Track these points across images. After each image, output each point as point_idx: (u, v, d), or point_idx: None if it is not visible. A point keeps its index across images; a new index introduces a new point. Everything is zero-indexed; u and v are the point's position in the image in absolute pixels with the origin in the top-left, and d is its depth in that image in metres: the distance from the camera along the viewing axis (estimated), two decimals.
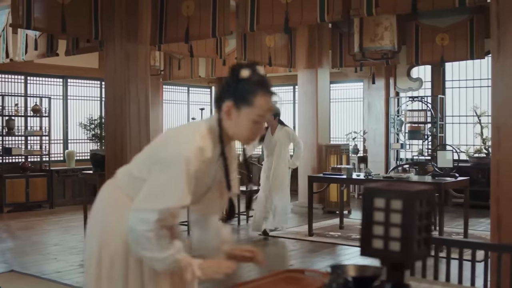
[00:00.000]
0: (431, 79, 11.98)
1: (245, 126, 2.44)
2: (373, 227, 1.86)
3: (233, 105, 2.41)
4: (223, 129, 2.45)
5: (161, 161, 2.34)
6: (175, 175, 2.30)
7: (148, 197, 2.32)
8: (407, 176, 7.68)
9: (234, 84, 2.42)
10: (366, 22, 7.71)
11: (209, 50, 9.19)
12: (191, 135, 2.39)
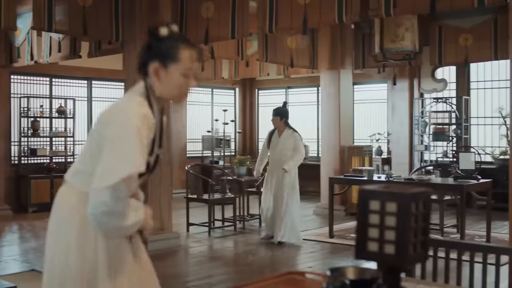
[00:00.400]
0: (455, 80, 11.84)
1: (175, 83, 2.51)
2: (369, 229, 1.84)
3: (160, 65, 2.48)
4: (153, 92, 2.51)
5: (110, 137, 2.34)
6: (127, 144, 2.30)
7: (106, 173, 2.28)
8: (428, 178, 7.61)
9: (156, 45, 2.49)
10: (386, 22, 7.66)
11: (230, 52, 9.21)
12: (131, 106, 2.41)
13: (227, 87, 14.86)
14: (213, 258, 7.30)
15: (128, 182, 2.26)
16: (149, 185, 7.42)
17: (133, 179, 2.29)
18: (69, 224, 2.46)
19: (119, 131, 2.33)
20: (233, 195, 9.03)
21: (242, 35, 6.87)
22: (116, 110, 2.44)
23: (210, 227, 8.65)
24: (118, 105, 2.49)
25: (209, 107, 14.58)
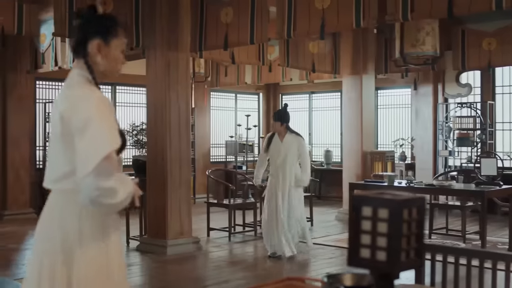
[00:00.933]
0: (480, 85, 11.70)
1: (116, 58, 2.60)
2: (361, 236, 1.83)
3: (101, 41, 2.54)
4: (94, 71, 2.55)
5: (79, 127, 2.39)
6: (96, 128, 2.38)
7: (86, 159, 2.36)
8: (448, 184, 7.53)
9: (96, 22, 2.54)
10: (407, 27, 7.60)
11: (251, 57, 9.22)
12: (85, 93, 2.46)
13: (250, 92, 14.88)
14: (232, 263, 7.31)
15: (109, 160, 2.35)
16: (168, 190, 7.47)
17: (112, 157, 2.38)
18: None
19: (85, 118, 2.39)
20: (254, 200, 9.03)
21: (261, 40, 6.88)
22: (74, 103, 2.46)
23: (230, 232, 8.66)
24: (73, 95, 2.49)
25: (233, 112, 14.61)
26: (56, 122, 2.50)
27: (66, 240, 2.46)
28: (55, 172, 2.54)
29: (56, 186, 2.54)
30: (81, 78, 2.55)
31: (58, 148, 2.51)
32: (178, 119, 7.55)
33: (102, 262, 2.50)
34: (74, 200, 2.45)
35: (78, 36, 2.58)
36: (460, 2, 5.32)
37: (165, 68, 7.42)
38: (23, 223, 9.86)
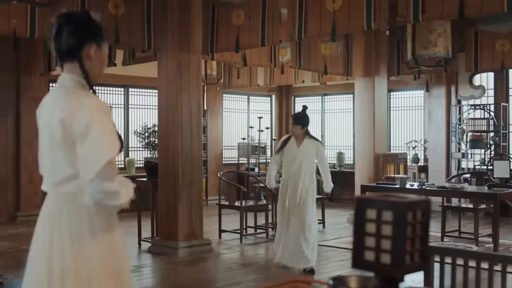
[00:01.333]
0: (494, 87, 11.62)
1: (105, 61, 2.67)
2: (365, 238, 1.82)
3: (96, 45, 2.58)
4: (89, 75, 2.58)
5: (79, 133, 2.44)
6: (98, 133, 2.43)
7: (89, 164, 2.42)
8: (461, 186, 7.48)
9: (91, 27, 2.58)
10: (419, 28, 7.57)
11: (263, 59, 9.23)
12: (83, 99, 2.50)
13: (263, 94, 14.88)
14: (243, 265, 7.31)
15: (111, 165, 2.42)
16: (180, 191, 7.48)
17: (114, 161, 2.45)
18: None
19: (86, 123, 2.43)
20: (266, 202, 9.03)
21: (272, 42, 6.89)
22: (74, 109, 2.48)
23: (242, 234, 8.66)
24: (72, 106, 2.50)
25: (245, 114, 14.62)
26: (55, 127, 2.52)
27: (77, 238, 2.50)
28: (57, 176, 2.57)
29: (59, 189, 2.57)
30: (74, 83, 2.58)
31: (58, 152, 2.54)
32: (189, 121, 7.57)
33: (113, 256, 2.57)
34: (80, 200, 2.49)
35: (73, 41, 2.57)
36: (472, 3, 5.29)
37: (176, 70, 7.44)
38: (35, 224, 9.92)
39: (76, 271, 2.49)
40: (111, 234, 2.58)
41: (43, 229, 2.60)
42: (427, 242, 1.86)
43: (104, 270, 2.53)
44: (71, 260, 2.49)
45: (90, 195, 2.43)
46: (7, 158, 10.79)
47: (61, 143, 2.50)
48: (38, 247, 2.61)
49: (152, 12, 7.38)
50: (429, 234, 1.87)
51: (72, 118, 2.45)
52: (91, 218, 2.51)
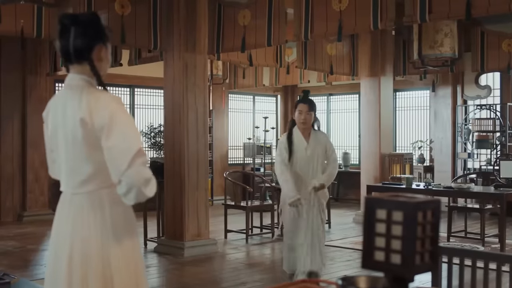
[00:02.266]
0: (500, 87, 11.60)
1: (109, 60, 2.71)
2: (375, 238, 1.82)
3: (103, 45, 2.63)
4: (101, 76, 2.62)
5: (103, 126, 2.46)
6: (125, 124, 2.48)
7: (122, 153, 2.43)
8: (467, 186, 7.47)
9: (99, 29, 2.62)
10: (425, 28, 7.56)
11: (269, 59, 9.23)
12: (98, 95, 2.54)
13: (268, 94, 14.88)
14: (249, 265, 7.31)
15: (141, 153, 2.44)
16: (186, 191, 7.49)
17: (142, 149, 2.48)
18: None
19: (109, 115, 2.46)
20: (272, 203, 9.03)
21: (278, 42, 6.88)
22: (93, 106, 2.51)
23: (248, 234, 8.67)
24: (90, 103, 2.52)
25: (251, 114, 14.62)
26: (75, 127, 2.53)
27: (100, 238, 2.53)
28: (78, 177, 2.59)
29: (80, 190, 2.59)
30: (86, 83, 2.60)
31: (79, 152, 2.55)
32: (195, 121, 7.58)
33: (134, 254, 2.62)
34: (101, 199, 2.52)
35: (82, 42, 2.59)
36: (478, 3, 5.28)
37: (182, 70, 7.44)
38: (42, 224, 9.94)
39: (100, 271, 2.51)
40: (132, 233, 2.61)
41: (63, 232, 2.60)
42: (436, 243, 1.86)
43: (126, 269, 2.55)
44: (94, 261, 2.50)
45: (129, 185, 2.42)
46: (13, 158, 10.82)
47: (82, 143, 2.52)
48: (58, 248, 2.61)
49: (159, 12, 7.38)
50: (438, 234, 1.87)
51: (93, 115, 2.48)
52: (114, 217, 2.53)
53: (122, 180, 2.43)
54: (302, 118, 5.64)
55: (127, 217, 2.61)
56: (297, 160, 5.74)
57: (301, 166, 5.75)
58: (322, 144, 5.78)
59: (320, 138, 5.81)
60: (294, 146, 5.72)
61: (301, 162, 5.74)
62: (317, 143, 5.76)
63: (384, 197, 1.84)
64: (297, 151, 5.72)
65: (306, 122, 5.67)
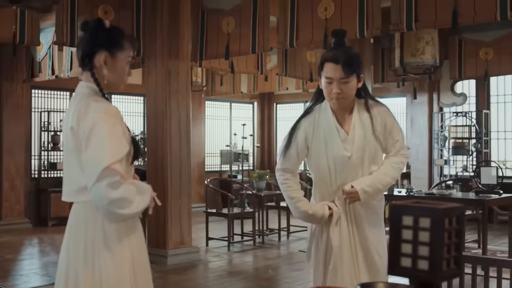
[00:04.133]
0: (475, 94, 11.78)
1: (122, 71, 2.60)
2: (402, 245, 1.83)
3: (107, 54, 2.54)
4: (101, 83, 2.56)
5: (83, 138, 2.40)
6: (100, 138, 2.37)
7: (90, 170, 2.36)
8: (449, 192, 7.55)
9: (103, 35, 2.55)
10: (407, 36, 7.64)
11: (250, 66, 9.25)
12: (90, 104, 2.45)
13: (245, 101, 14.89)
14: (232, 273, 7.28)
15: (112, 170, 2.32)
16: (169, 199, 7.44)
17: (115, 166, 2.34)
18: None
19: (89, 128, 2.39)
20: (252, 210, 9.02)
21: (263, 50, 6.88)
22: (81, 115, 2.45)
23: (230, 242, 8.64)
24: (80, 111, 2.47)
25: (228, 121, 14.61)
26: (67, 135, 2.51)
27: (92, 247, 2.48)
28: (72, 186, 2.56)
29: (75, 199, 2.56)
30: (89, 90, 2.56)
31: (72, 161, 2.52)
32: (178, 128, 7.54)
33: (128, 263, 2.52)
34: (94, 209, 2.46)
35: (85, 49, 2.58)
36: (465, 12, 5.35)
37: (165, 77, 7.41)
38: (19, 233, 9.80)
39: (90, 282, 2.47)
40: (128, 245, 2.53)
41: (64, 240, 2.59)
42: (461, 249, 1.87)
43: (117, 282, 2.49)
44: (84, 271, 2.47)
45: (95, 202, 2.37)
46: None
47: (74, 152, 2.48)
48: (60, 257, 2.60)
49: (142, 19, 7.35)
50: (463, 240, 1.88)
51: (80, 124, 2.43)
52: (106, 227, 2.47)
53: (91, 195, 2.39)
54: (334, 92, 3.20)
55: (122, 229, 2.51)
56: (329, 165, 3.30)
57: (335, 177, 3.29)
58: (371, 124, 3.27)
59: (373, 115, 3.28)
60: (315, 137, 3.33)
61: (335, 168, 3.28)
62: (361, 127, 3.28)
63: (410, 204, 1.85)
64: (324, 148, 3.30)
65: (344, 97, 3.22)
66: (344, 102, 3.24)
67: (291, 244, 9.11)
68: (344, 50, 3.23)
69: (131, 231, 2.56)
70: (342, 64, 3.14)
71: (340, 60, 3.14)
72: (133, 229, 2.57)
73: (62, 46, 8.90)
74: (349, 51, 3.25)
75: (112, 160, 2.35)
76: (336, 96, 3.19)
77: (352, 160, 3.23)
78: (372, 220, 3.32)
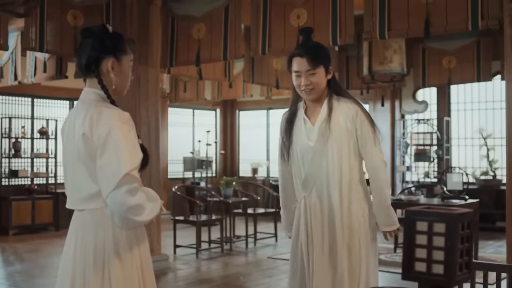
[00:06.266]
0: (436, 101, 12.01)
1: (127, 74, 2.63)
2: (416, 250, 1.87)
3: (114, 59, 2.55)
4: (108, 89, 2.55)
5: (98, 145, 2.39)
6: (116, 143, 2.37)
7: (108, 177, 2.36)
8: (417, 198, 7.68)
9: (108, 41, 2.54)
10: (375, 45, 7.76)
11: (218, 73, 9.23)
12: (103, 111, 2.45)
13: (208, 108, 14.86)
14: (204, 280, 7.24)
15: (131, 176, 2.35)
16: None
17: (134, 173, 2.37)
18: None
19: (105, 135, 2.38)
20: (220, 217, 8.99)
21: (234, 57, 6.89)
22: (94, 122, 2.44)
23: (198, 249, 8.60)
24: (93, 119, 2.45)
25: (190, 128, 14.55)
26: (78, 143, 2.47)
27: (102, 254, 2.45)
28: (79, 194, 2.52)
29: (83, 206, 2.52)
30: (96, 96, 2.55)
31: (81, 169, 2.49)
32: (148, 135, 7.48)
33: (138, 271, 2.52)
34: (105, 217, 2.43)
35: (90, 55, 2.55)
36: (437, 21, 5.47)
37: (135, 84, 7.33)
38: None
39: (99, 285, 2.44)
40: (137, 252, 2.52)
41: (68, 248, 2.54)
42: (471, 254, 1.92)
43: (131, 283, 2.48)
44: (94, 278, 2.44)
45: (112, 208, 2.37)
46: None
47: (85, 159, 2.44)
48: (64, 266, 2.55)
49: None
50: (473, 245, 1.92)
51: (93, 131, 2.41)
52: (117, 235, 2.46)
53: (107, 202, 2.39)
54: (303, 84, 3.38)
55: (132, 237, 2.51)
56: (298, 157, 3.45)
57: (306, 170, 3.41)
58: (347, 122, 3.36)
59: (345, 112, 3.38)
60: (295, 131, 3.47)
61: (304, 162, 3.42)
62: (337, 123, 3.35)
63: (424, 210, 1.89)
64: (300, 140, 3.44)
65: (313, 88, 3.37)
66: (314, 93, 3.41)
67: (258, 251, 9.11)
68: (309, 44, 3.48)
69: (141, 239, 2.55)
70: (307, 57, 3.37)
71: (305, 53, 3.38)
72: (142, 236, 2.56)
73: (26, 52, 8.77)
74: (314, 44, 3.50)
75: (132, 167, 2.37)
76: (305, 87, 3.39)
77: (314, 150, 3.38)
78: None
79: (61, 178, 11.70)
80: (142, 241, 2.56)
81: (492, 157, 10.97)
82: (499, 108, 11.34)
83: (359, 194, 3.41)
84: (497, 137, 11.22)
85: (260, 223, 10.20)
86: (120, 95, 2.65)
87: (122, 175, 2.33)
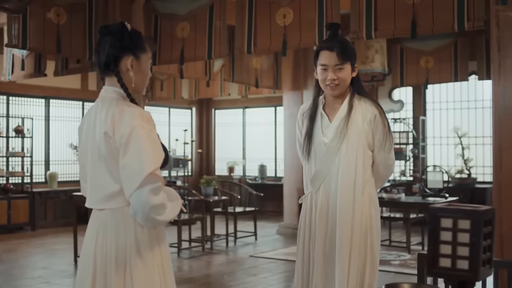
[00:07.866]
0: (412, 101, 12.16)
1: (146, 72, 2.62)
2: (440, 246, 1.91)
3: (133, 57, 2.54)
4: (128, 88, 2.54)
5: (121, 144, 2.39)
6: (139, 142, 2.37)
7: (132, 176, 2.35)
8: (398, 197, 7.78)
9: (128, 39, 2.53)
10: (357, 44, 7.83)
11: (198, 72, 9.23)
12: (125, 110, 2.44)
13: (184, 107, 14.82)
14: (186, 280, 7.23)
15: (155, 175, 2.34)
16: None
17: (157, 172, 2.37)
18: None
19: (128, 134, 2.38)
20: (201, 215, 8.99)
21: (219, 55, 6.89)
22: (117, 120, 2.43)
23: (179, 248, 8.59)
24: (115, 117, 2.44)
25: (167, 127, 14.50)
26: (100, 141, 2.46)
27: (123, 253, 2.44)
28: (101, 193, 2.50)
29: (103, 206, 2.50)
30: (116, 95, 2.54)
31: (102, 168, 2.47)
32: None
33: (159, 270, 2.51)
34: (126, 216, 2.43)
35: (110, 53, 2.53)
36: (423, 22, 5.54)
37: None
38: None
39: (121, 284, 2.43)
40: (158, 252, 2.52)
41: (88, 248, 2.52)
42: (493, 250, 1.97)
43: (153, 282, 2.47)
44: (116, 277, 2.43)
45: (135, 207, 2.36)
46: None
47: (106, 158, 2.43)
48: (83, 266, 2.53)
49: (94, 22, 7.21)
50: (494, 242, 1.97)
51: (115, 130, 2.40)
52: (139, 234, 2.45)
53: (130, 201, 2.39)
54: (329, 79, 3.33)
55: (153, 236, 2.50)
56: (312, 150, 3.43)
57: (312, 167, 3.44)
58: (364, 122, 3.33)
59: (365, 113, 3.34)
60: (316, 127, 3.42)
61: (315, 157, 3.42)
62: (355, 123, 3.33)
63: (448, 207, 1.93)
64: (312, 132, 3.42)
65: (339, 84, 3.33)
66: (339, 88, 3.35)
67: (239, 250, 9.13)
68: (338, 39, 3.40)
69: (161, 238, 2.54)
70: (336, 51, 3.30)
71: (335, 48, 3.31)
72: (162, 236, 2.56)
73: (2, 49, 8.65)
74: (343, 40, 3.42)
75: (155, 166, 2.36)
76: (331, 82, 3.32)
77: (328, 147, 3.34)
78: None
79: (37, 177, 11.57)
80: (162, 240, 2.56)
81: (467, 156, 11.14)
82: (473, 107, 11.54)
83: (369, 196, 3.38)
84: (471, 136, 11.41)
85: (238, 221, 10.22)
86: (139, 93, 2.63)
87: (146, 175, 2.32)
